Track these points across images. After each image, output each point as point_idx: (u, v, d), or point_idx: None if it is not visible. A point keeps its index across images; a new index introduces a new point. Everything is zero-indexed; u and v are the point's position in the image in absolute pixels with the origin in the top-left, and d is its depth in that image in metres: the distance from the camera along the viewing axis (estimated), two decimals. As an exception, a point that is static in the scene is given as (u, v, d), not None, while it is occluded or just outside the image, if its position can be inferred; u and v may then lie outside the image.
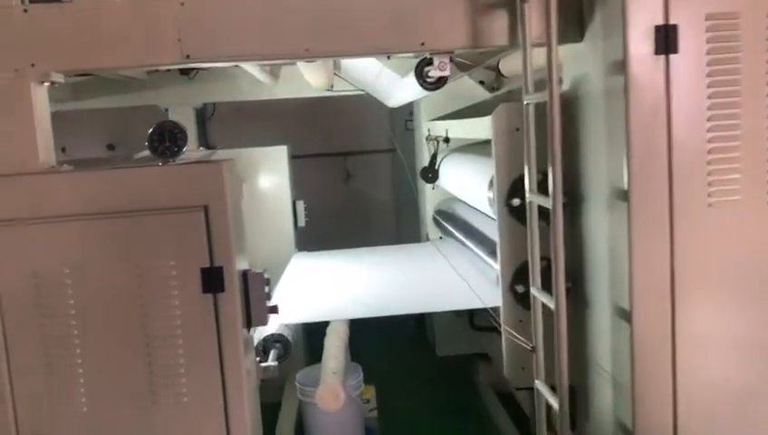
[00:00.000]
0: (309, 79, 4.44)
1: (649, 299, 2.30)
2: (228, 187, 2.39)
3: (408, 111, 6.82)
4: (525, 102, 2.59)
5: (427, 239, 5.28)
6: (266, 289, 2.53)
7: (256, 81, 4.89)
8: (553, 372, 2.52)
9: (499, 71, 4.33)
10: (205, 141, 6.06)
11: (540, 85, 2.51)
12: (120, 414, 2.40)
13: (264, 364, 2.74)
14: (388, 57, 3.17)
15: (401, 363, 5.51)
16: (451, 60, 2.65)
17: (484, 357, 5.09)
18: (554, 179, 2.36)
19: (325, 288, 3.88)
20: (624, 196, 2.28)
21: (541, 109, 2.51)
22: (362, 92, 5.23)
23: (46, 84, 2.47)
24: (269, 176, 4.96)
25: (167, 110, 5.09)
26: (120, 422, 2.40)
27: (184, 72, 4.81)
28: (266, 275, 2.54)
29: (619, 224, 2.35)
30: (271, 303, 2.56)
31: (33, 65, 2.40)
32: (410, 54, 2.85)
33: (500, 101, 3.03)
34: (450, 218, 4.63)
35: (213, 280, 2.37)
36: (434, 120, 5.03)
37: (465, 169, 3.92)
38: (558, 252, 2.39)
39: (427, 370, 5.50)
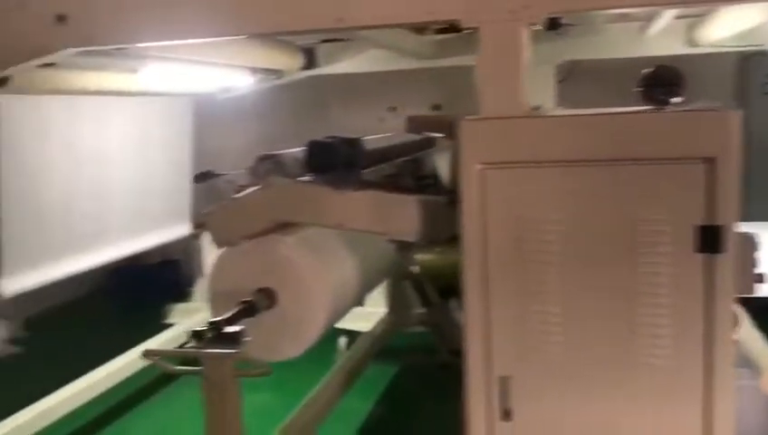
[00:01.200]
0: (721, 30, 3.99)
1: None
2: (738, 138, 2.16)
3: (763, 73, 6.06)
4: None
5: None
6: (756, 254, 2.28)
7: (622, 37, 4.61)
8: None
9: None
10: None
11: None
12: (591, 368, 2.33)
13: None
14: None
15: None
16: None
17: None
18: None
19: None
20: None
21: None
22: (743, 48, 4.68)
23: (531, 28, 2.44)
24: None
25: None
26: (589, 376, 2.33)
27: (552, 26, 4.65)
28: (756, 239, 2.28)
29: None
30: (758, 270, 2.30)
31: (526, 7, 2.36)
32: None
33: None
34: None
35: (711, 240, 2.17)
36: None
37: None
38: None
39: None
